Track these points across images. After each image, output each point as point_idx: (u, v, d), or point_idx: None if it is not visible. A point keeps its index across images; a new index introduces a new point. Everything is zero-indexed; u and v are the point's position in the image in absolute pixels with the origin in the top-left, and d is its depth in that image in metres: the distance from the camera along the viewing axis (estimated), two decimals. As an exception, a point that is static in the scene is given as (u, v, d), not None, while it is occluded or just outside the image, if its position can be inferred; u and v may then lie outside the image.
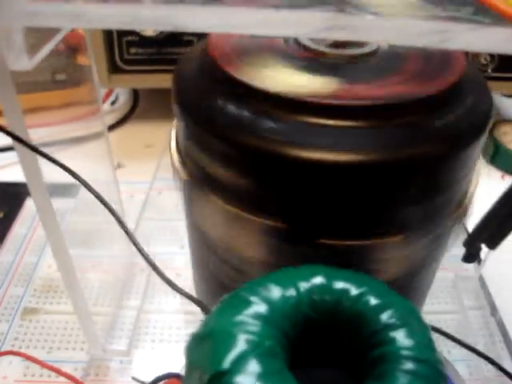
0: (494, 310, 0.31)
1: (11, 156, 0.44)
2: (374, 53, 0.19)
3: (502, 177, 0.44)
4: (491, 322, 0.31)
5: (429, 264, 0.21)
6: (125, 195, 0.39)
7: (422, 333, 0.14)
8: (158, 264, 0.34)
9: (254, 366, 0.12)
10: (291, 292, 0.14)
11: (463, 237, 0.24)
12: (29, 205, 0.39)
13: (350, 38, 0.15)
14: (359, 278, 0.15)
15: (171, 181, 0.25)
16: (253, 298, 0.14)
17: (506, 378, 0.28)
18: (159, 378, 0.16)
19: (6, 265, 0.34)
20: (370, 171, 0.16)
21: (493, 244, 0.17)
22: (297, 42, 0.19)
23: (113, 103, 0.53)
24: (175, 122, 0.22)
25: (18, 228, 0.37)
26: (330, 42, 0.19)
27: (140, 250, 0.21)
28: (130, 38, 0.43)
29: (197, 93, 0.18)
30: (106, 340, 0.29)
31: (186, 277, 0.31)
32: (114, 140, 0.49)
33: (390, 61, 0.19)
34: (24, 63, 0.16)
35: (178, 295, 0.31)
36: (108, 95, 0.53)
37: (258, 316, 0.14)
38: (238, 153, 0.17)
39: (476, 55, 0.44)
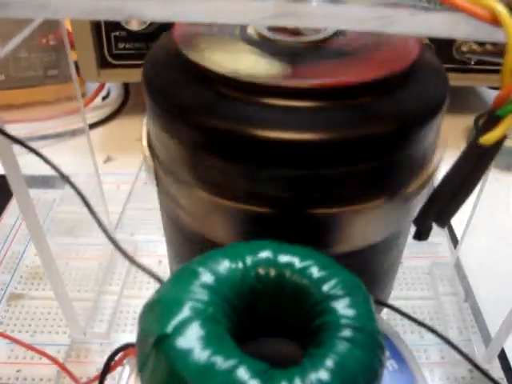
0: (468, 296, 0.32)
1: None
2: (330, 39, 0.19)
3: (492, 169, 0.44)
4: (464, 308, 0.31)
5: (389, 241, 0.22)
6: (112, 186, 0.40)
7: (364, 304, 0.15)
8: (141, 251, 0.35)
9: (195, 331, 0.13)
10: (238, 265, 0.15)
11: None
12: (18, 196, 0.40)
13: (297, 25, 0.16)
14: (306, 252, 0.16)
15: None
16: (201, 270, 0.15)
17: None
18: (118, 350, 0.17)
19: (-7, 253, 0.35)
20: (320, 149, 0.17)
21: (441, 222, 0.18)
22: (256, 29, 0.20)
23: (104, 98, 0.54)
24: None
25: (7, 218, 0.38)
26: (286, 28, 0.20)
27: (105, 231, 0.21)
28: (117, 33, 0.44)
29: (162, 78, 0.19)
30: (88, 324, 0.30)
31: (166, 263, 0.32)
32: (106, 133, 0.50)
33: (346, 46, 0.19)
34: (-7, 51, 0.17)
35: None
36: (100, 90, 0.54)
37: (204, 286, 0.14)
38: (199, 133, 0.18)
39: (459, 47, 0.45)
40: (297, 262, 0.15)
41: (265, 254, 0.15)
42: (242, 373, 0.13)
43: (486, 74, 0.46)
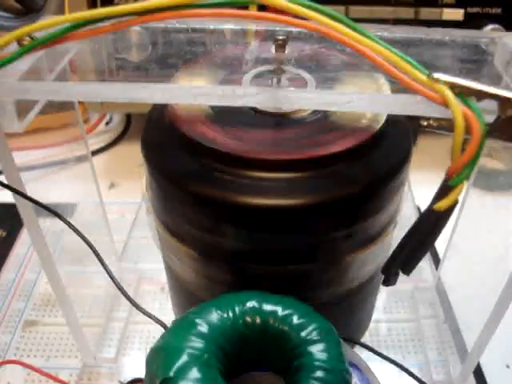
0: (447, 317, 0.34)
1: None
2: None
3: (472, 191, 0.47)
4: (443, 330, 0.34)
5: (364, 285, 0.24)
6: (116, 215, 0.43)
7: (335, 348, 0.18)
8: (145, 279, 0.37)
9: (193, 374, 0.16)
10: (228, 314, 0.18)
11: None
12: (30, 224, 0.43)
13: (277, 106, 0.18)
14: (287, 301, 0.18)
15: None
16: (198, 320, 0.18)
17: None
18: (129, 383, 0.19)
19: (8, 282, 0.37)
20: (300, 212, 0.20)
21: (406, 271, 0.20)
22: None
23: (107, 124, 0.57)
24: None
25: (19, 247, 0.40)
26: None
27: (107, 270, 0.24)
28: (119, 62, 0.46)
29: (159, 149, 0.22)
30: (97, 348, 0.32)
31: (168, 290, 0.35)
32: (109, 159, 0.52)
33: (320, 115, 0.22)
34: (15, 126, 0.20)
35: (161, 308, 0.35)
36: (102, 117, 0.56)
37: (200, 335, 0.17)
38: (191, 199, 0.20)
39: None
40: (279, 311, 0.18)
41: (251, 304, 0.18)
42: (231, 410, 0.15)
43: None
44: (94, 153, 0.53)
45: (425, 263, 0.38)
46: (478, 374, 0.32)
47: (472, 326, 0.34)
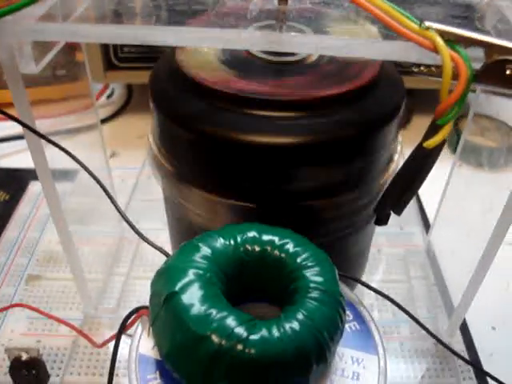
0: (437, 279, 0.36)
1: (16, 145, 0.49)
2: (307, 58, 0.23)
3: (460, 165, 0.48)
4: (433, 291, 0.35)
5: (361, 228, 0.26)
6: (118, 179, 0.44)
7: (329, 273, 0.19)
8: (145, 238, 0.39)
9: (196, 290, 0.17)
10: (230, 242, 0.19)
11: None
12: (31, 188, 0.44)
13: (279, 50, 0.20)
14: (284, 232, 0.20)
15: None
16: (201, 245, 0.19)
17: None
18: (132, 312, 0.21)
19: (12, 239, 0.38)
20: (300, 151, 0.21)
21: (397, 210, 0.22)
22: (249, 52, 0.24)
23: (109, 97, 0.58)
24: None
25: (23, 208, 0.41)
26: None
27: (124, 217, 0.25)
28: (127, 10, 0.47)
29: (166, 92, 0.23)
30: (98, 301, 0.34)
31: (167, 248, 0.36)
32: (110, 130, 0.53)
33: (320, 64, 0.23)
34: (32, 68, 0.21)
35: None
36: (104, 89, 0.57)
37: (203, 257, 0.18)
38: (196, 138, 0.22)
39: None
40: (276, 240, 0.19)
41: (251, 234, 0.19)
42: (231, 321, 0.16)
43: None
44: (94, 125, 0.53)
45: (416, 228, 0.40)
46: (466, 333, 0.34)
47: (458, 286, 0.35)
